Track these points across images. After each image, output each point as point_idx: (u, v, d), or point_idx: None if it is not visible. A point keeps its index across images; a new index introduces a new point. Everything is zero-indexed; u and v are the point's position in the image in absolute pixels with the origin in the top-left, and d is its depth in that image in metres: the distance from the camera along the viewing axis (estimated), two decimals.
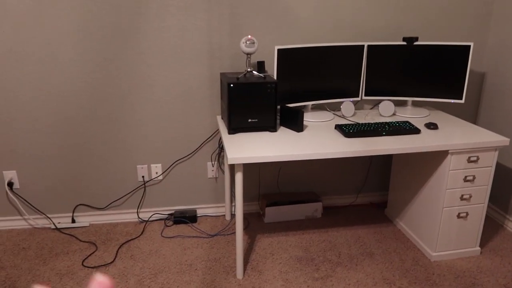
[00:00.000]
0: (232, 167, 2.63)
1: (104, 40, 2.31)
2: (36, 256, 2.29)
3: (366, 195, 2.93)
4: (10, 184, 2.51)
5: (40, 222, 2.60)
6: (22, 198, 2.55)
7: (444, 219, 2.18)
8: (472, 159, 2.10)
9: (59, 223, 2.61)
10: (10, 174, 2.49)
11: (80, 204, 2.62)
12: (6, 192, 2.52)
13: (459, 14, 2.61)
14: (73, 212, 2.62)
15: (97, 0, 2.24)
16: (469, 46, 2.34)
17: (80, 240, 2.45)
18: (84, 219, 2.64)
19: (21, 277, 2.13)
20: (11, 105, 2.36)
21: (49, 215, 2.60)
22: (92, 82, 2.38)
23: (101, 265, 2.22)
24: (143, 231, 2.56)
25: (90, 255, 2.31)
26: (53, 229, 2.57)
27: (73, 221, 2.62)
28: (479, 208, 2.21)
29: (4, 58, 2.27)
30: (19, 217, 2.58)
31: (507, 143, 2.09)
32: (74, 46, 2.30)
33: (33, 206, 2.58)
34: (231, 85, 2.07)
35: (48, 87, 2.35)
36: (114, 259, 2.27)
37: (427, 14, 2.58)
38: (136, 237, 2.49)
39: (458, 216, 2.20)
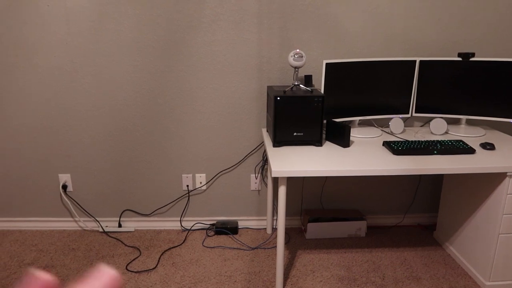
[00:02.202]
0: (276, 180, 2.62)
1: (157, 53, 2.41)
2: (84, 257, 2.39)
3: (413, 216, 2.80)
4: (64, 187, 2.64)
5: (89, 224, 2.71)
6: (75, 200, 2.68)
7: (500, 246, 2.04)
8: None
9: (106, 226, 2.71)
10: (64, 177, 2.63)
11: (127, 210, 2.70)
12: (61, 194, 2.66)
13: None
14: (120, 217, 2.71)
15: (151, 14, 2.34)
16: None
17: (125, 245, 2.52)
18: (130, 224, 2.72)
19: (69, 276, 2.22)
20: (69, 114, 2.50)
21: (98, 219, 2.71)
22: (143, 93, 2.48)
23: (144, 270, 2.27)
24: (185, 239, 2.59)
25: (134, 259, 2.37)
26: (101, 232, 2.67)
27: (120, 225, 2.71)
28: None
29: (65, 69, 2.41)
30: (70, 218, 2.71)
31: None
32: (129, 58, 2.41)
33: (83, 209, 2.69)
34: (278, 98, 2.08)
35: (103, 98, 2.47)
36: (156, 265, 2.32)
37: (484, 29, 2.46)
38: (178, 245, 2.52)
39: None
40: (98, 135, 2.55)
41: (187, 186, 2.66)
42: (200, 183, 2.66)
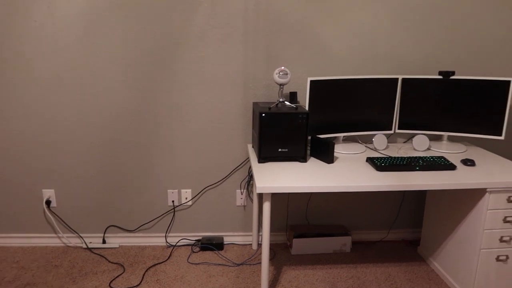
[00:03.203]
0: (261, 196, 2.63)
1: (144, 69, 2.42)
2: (67, 274, 2.35)
3: (398, 231, 2.82)
4: (48, 202, 2.61)
5: (73, 241, 2.68)
6: (58, 216, 2.64)
7: (481, 261, 2.07)
8: None
9: (90, 242, 2.67)
10: (48, 193, 2.60)
11: (111, 225, 2.68)
12: (44, 210, 2.63)
13: (499, 48, 2.55)
14: (104, 233, 2.68)
15: (139, 30, 2.36)
16: (509, 81, 2.28)
17: (109, 261, 2.49)
18: (114, 240, 2.69)
19: None
20: (54, 129, 2.49)
21: (81, 235, 2.68)
22: (130, 108, 2.48)
23: None
24: (170, 255, 2.57)
25: (117, 276, 2.34)
26: (85, 248, 2.63)
27: (104, 241, 2.67)
28: None
29: (51, 83, 2.41)
30: (53, 235, 2.67)
31: None
32: (116, 74, 2.42)
33: (67, 225, 2.66)
34: (263, 114, 2.10)
35: (89, 113, 2.47)
36: (140, 282, 2.29)
37: (464, 48, 2.54)
38: (163, 261, 2.50)
39: (497, 259, 2.08)
40: (84, 150, 2.54)
41: (173, 201, 2.65)
42: (186, 198, 2.65)
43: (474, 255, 2.08)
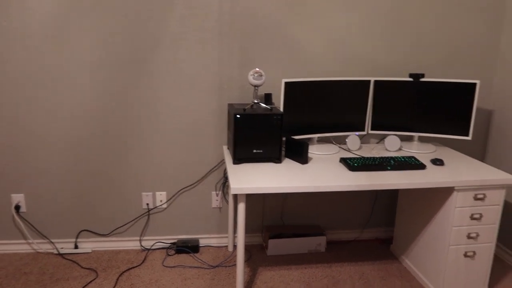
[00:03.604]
0: (236, 198, 2.63)
1: (118, 71, 2.39)
2: (37, 282, 2.28)
3: (371, 231, 2.88)
4: (17, 208, 2.53)
5: (44, 246, 2.60)
6: (28, 222, 2.57)
7: (450, 257, 2.13)
8: (479, 196, 2.07)
9: (62, 248, 2.61)
10: (18, 198, 2.52)
11: (84, 230, 2.62)
12: (13, 216, 2.55)
13: (466, 53, 2.65)
14: (76, 238, 2.62)
15: (112, 32, 2.33)
16: (475, 84, 2.36)
17: (82, 267, 2.44)
18: (87, 245, 2.63)
19: None
20: (24, 131, 2.42)
21: (52, 240, 2.61)
22: (103, 110, 2.44)
23: None
24: (144, 259, 2.54)
25: (90, 282, 2.29)
26: (56, 254, 2.57)
27: (76, 247, 2.61)
28: (487, 248, 2.16)
29: (22, 85, 2.35)
30: (23, 241, 2.59)
31: None
32: (89, 75, 2.37)
33: (37, 231, 2.59)
34: (238, 116, 2.11)
35: (60, 115, 2.41)
36: (114, 287, 2.25)
37: (435, 52, 2.62)
38: (137, 266, 2.46)
39: (465, 255, 2.14)
40: (55, 153, 2.47)
41: (147, 204, 2.62)
42: (161, 201, 2.62)
43: (443, 252, 2.14)
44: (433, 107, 2.46)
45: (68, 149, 2.48)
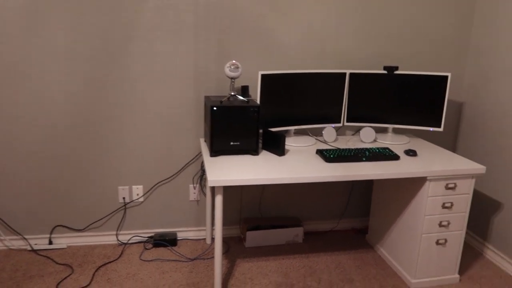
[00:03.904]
0: (214, 190, 2.62)
1: (92, 62, 2.34)
2: (10, 279, 2.23)
3: (347, 221, 2.93)
4: None
5: (16, 243, 2.54)
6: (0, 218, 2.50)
7: (423, 245, 2.20)
8: (450, 186, 2.13)
9: (35, 244, 2.55)
10: None
11: (58, 225, 2.57)
12: None
13: (438, 46, 2.71)
14: (51, 234, 2.57)
15: (86, 23, 2.27)
16: (446, 77, 2.42)
17: (56, 263, 2.39)
18: (62, 241, 2.59)
19: None
20: None
21: (26, 236, 2.55)
22: (77, 103, 2.38)
23: None
24: (121, 254, 2.51)
25: (65, 278, 2.25)
26: (29, 250, 2.51)
27: (50, 242, 2.56)
28: (457, 235, 2.23)
29: None
30: None
31: (483, 171, 2.13)
32: (62, 66, 2.31)
33: (10, 227, 2.52)
34: (214, 108, 2.10)
35: (33, 107, 2.35)
36: (90, 282, 2.22)
37: (409, 45, 2.67)
38: (114, 260, 2.44)
39: (437, 243, 2.21)
40: (27, 146, 2.41)
41: (124, 198, 2.59)
42: (137, 195, 2.60)
43: (416, 240, 2.21)
44: (407, 99, 2.51)
45: (41, 142, 2.41)
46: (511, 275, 2.41)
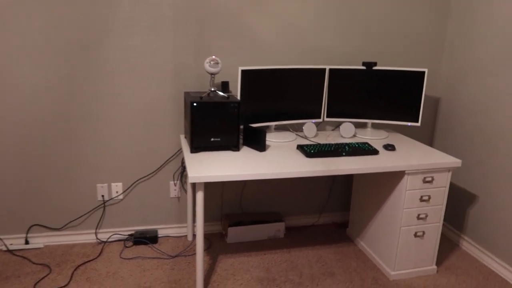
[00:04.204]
0: (194, 187, 2.61)
1: (67, 57, 2.28)
2: None
3: (328, 215, 2.96)
4: None
5: None
6: None
7: (402, 238, 2.24)
8: (427, 179, 2.18)
9: (11, 244, 2.48)
10: None
11: (35, 225, 2.51)
12: None
13: (415, 42, 2.75)
14: (27, 233, 2.51)
15: (60, 17, 2.21)
16: (423, 72, 2.47)
17: (33, 263, 2.34)
18: (39, 240, 2.53)
19: None
20: None
21: (0, 237, 2.48)
22: (53, 98, 2.33)
23: None
24: (101, 252, 2.47)
25: (43, 278, 2.20)
26: (5, 251, 2.44)
27: (27, 242, 2.50)
28: (435, 227, 2.28)
29: None
30: None
31: (459, 164, 2.18)
32: (36, 61, 2.25)
33: None
34: (194, 104, 2.08)
35: (6, 104, 2.28)
36: (69, 282, 2.18)
37: (387, 41, 2.70)
38: (94, 259, 2.40)
39: (415, 235, 2.26)
40: (1, 144, 2.34)
41: (102, 196, 2.55)
42: (117, 192, 2.56)
43: (395, 233, 2.24)
44: (385, 95, 2.55)
45: (15, 140, 2.35)
46: (486, 266, 2.48)
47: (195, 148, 2.15)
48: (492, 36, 2.42)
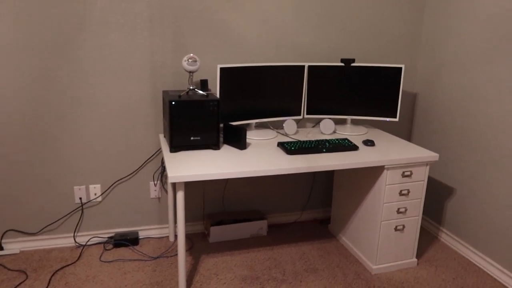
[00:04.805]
0: (175, 186, 2.57)
1: (42, 55, 2.21)
2: None
3: (310, 212, 2.97)
4: None
5: None
6: None
7: (382, 232, 2.26)
8: (406, 173, 2.21)
9: None
10: None
11: (9, 230, 2.43)
12: None
13: (392, 39, 2.79)
14: (1, 239, 2.43)
15: (32, 14, 2.15)
16: (400, 68, 2.50)
17: (9, 269, 2.27)
18: (14, 246, 2.45)
19: None
20: None
21: None
22: (26, 99, 2.25)
23: None
24: (80, 256, 2.41)
25: (19, 284, 2.14)
26: None
27: (1, 248, 2.42)
28: (414, 221, 2.32)
29: None
30: None
31: (436, 158, 2.22)
32: (8, 59, 2.18)
33: None
34: (173, 102, 2.05)
35: None
36: (47, 287, 2.12)
37: (364, 38, 2.72)
38: (72, 263, 2.34)
39: (395, 229, 2.29)
40: None
41: (80, 198, 2.49)
42: (95, 194, 2.50)
43: (376, 227, 2.27)
44: (364, 91, 2.57)
45: None
46: (464, 257, 2.54)
47: (174, 148, 2.12)
48: (468, 32, 2.47)
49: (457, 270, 2.39)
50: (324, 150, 2.20)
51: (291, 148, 2.17)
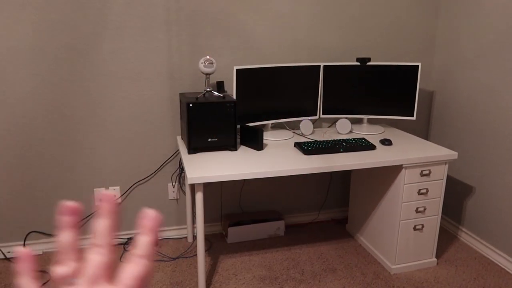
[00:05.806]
0: (193, 188, 2.61)
1: (59, 61, 2.26)
2: None
3: (327, 212, 2.97)
4: None
5: None
6: None
7: (401, 232, 2.25)
8: (424, 172, 2.19)
9: (9, 252, 2.46)
10: None
11: (33, 231, 2.49)
12: None
13: (408, 36, 2.76)
14: (25, 240, 2.49)
15: (51, 20, 2.20)
16: (417, 66, 2.48)
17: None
18: (37, 247, 2.51)
19: None
20: None
21: None
22: (46, 104, 2.31)
23: None
24: None
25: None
26: (2, 259, 2.42)
27: None
28: (433, 220, 2.30)
29: None
30: None
31: (455, 156, 2.20)
32: (27, 65, 2.23)
33: None
34: (190, 105, 2.08)
35: (1, 107, 2.26)
36: None
37: (378, 35, 2.71)
38: None
39: (414, 229, 2.27)
40: None
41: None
42: (115, 196, 2.54)
43: (394, 227, 2.26)
44: (380, 90, 2.56)
45: (11, 147, 2.33)
46: (485, 256, 2.50)
47: (192, 149, 2.15)
48: (482, 29, 2.44)
49: (478, 270, 2.36)
50: (341, 150, 2.20)
51: (308, 148, 2.17)
